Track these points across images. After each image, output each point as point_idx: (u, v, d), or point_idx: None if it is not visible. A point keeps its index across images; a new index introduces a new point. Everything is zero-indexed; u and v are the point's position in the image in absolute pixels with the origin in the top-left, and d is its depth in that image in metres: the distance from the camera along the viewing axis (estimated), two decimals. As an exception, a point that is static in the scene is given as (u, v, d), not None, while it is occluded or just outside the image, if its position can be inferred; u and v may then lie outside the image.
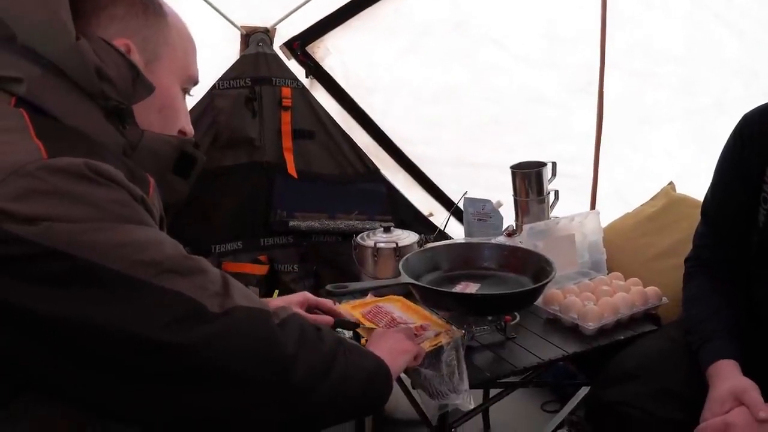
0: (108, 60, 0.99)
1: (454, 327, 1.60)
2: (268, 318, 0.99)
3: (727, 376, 1.36)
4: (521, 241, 1.97)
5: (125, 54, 1.01)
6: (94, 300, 0.83)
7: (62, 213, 0.83)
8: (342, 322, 1.62)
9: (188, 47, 1.17)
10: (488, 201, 2.31)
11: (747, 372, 1.37)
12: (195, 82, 1.20)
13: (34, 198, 0.82)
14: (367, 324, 1.64)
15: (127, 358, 0.85)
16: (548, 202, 2.30)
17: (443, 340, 1.52)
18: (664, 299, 1.87)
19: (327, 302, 1.64)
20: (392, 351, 1.32)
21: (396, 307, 1.73)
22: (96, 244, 0.84)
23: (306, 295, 1.63)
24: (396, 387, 1.89)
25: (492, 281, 1.81)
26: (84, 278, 0.83)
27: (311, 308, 1.61)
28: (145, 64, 1.07)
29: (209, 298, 0.92)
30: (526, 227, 1.99)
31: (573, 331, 1.78)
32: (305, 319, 1.09)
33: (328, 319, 1.59)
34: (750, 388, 1.31)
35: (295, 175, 2.97)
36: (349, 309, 1.70)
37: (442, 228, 2.60)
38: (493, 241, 2.05)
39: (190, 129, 1.21)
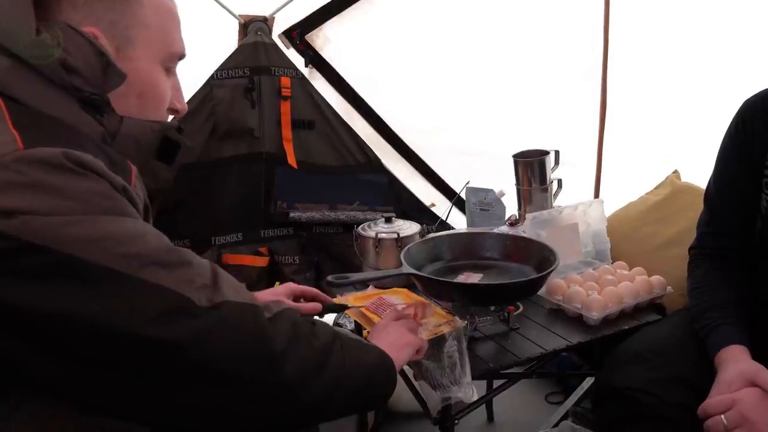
0: (74, 51, 0.95)
1: (457, 317, 1.58)
2: (258, 313, 0.96)
3: (737, 361, 1.35)
4: (524, 230, 1.95)
5: (93, 41, 0.97)
6: (75, 295, 0.81)
7: (41, 206, 0.81)
8: (330, 307, 1.61)
9: (167, 23, 1.10)
10: (491, 190, 2.29)
11: (754, 359, 1.36)
12: (180, 57, 1.15)
13: (11, 191, 0.80)
14: (370, 315, 1.62)
15: (111, 355, 0.84)
16: (551, 190, 2.28)
17: (445, 329, 1.50)
18: (669, 288, 1.86)
19: (312, 289, 1.63)
20: (394, 344, 1.29)
21: (399, 299, 1.72)
22: (76, 237, 0.82)
23: (290, 286, 1.62)
24: (399, 379, 1.89)
25: (495, 271, 1.79)
26: (65, 273, 0.81)
27: (297, 297, 1.61)
28: (117, 50, 1.02)
29: (196, 291, 0.90)
30: (529, 216, 1.97)
31: (577, 321, 1.76)
32: (299, 313, 1.06)
33: (316, 305, 1.58)
34: (761, 369, 1.30)
35: (295, 166, 2.95)
36: (353, 301, 1.68)
37: (444, 218, 2.58)
38: (495, 230, 2.04)
39: (181, 105, 1.18)
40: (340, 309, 1.65)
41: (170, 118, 1.19)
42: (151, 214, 1.08)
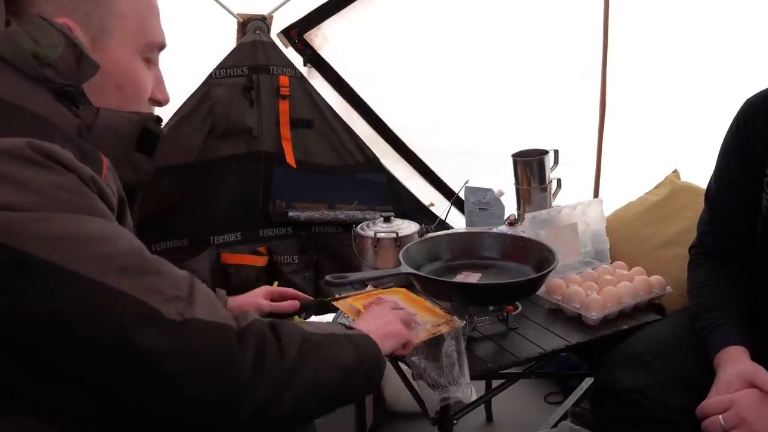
0: (46, 43, 0.93)
1: (455, 317, 1.58)
2: (228, 336, 0.90)
3: (736, 361, 1.35)
4: (523, 230, 1.94)
5: (66, 33, 0.95)
6: (34, 297, 0.78)
7: (2, 199, 0.78)
8: (309, 304, 1.60)
9: (144, 13, 1.08)
10: (489, 190, 2.29)
11: (754, 359, 1.36)
12: (160, 48, 1.13)
13: None
14: None
15: (69, 363, 0.80)
16: (550, 190, 2.28)
17: (444, 329, 1.49)
18: (668, 288, 1.85)
19: (290, 290, 1.62)
20: (380, 331, 1.22)
21: (398, 299, 1.71)
22: (38, 234, 0.78)
23: (267, 288, 1.62)
24: (397, 379, 1.88)
25: (493, 271, 1.79)
26: (23, 272, 0.77)
27: (275, 299, 1.60)
28: (92, 41, 1.00)
29: (165, 303, 0.85)
30: (528, 216, 1.97)
31: (576, 321, 1.75)
32: (266, 326, 0.98)
33: (293, 303, 1.57)
34: (760, 369, 1.30)
35: (294, 165, 2.94)
36: (351, 301, 1.67)
37: (443, 218, 2.58)
38: (494, 230, 2.03)
39: (164, 96, 1.17)
40: (321, 306, 1.64)
41: (158, 110, 1.19)
42: (132, 207, 1.06)
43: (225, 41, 2.84)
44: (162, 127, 1.16)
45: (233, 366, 0.88)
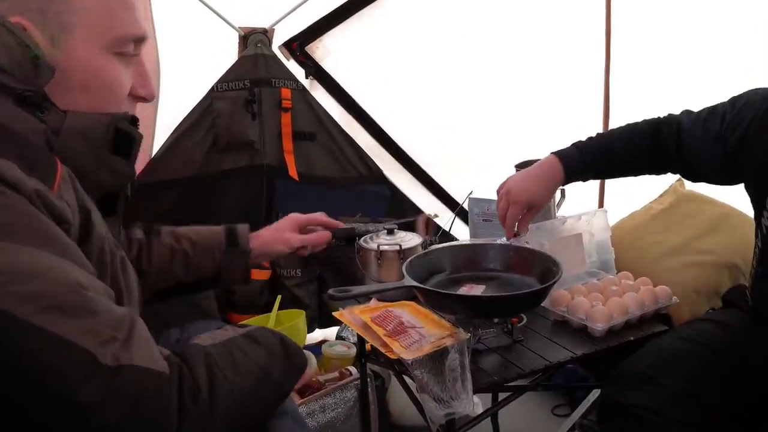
0: None
1: (460, 330, 1.56)
2: (163, 386, 0.83)
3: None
4: (527, 241, 1.93)
5: (17, 33, 0.90)
6: None
7: None
8: (341, 230, 1.57)
9: (110, 5, 1.00)
10: (493, 201, 2.27)
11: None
12: (136, 40, 1.05)
13: None
14: (374, 328, 1.60)
15: None
16: (554, 200, 2.26)
17: (448, 342, 1.48)
18: (675, 299, 1.83)
19: (318, 217, 1.58)
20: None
21: (405, 312, 1.70)
22: None
23: (296, 220, 1.59)
24: (402, 393, 1.87)
25: (497, 283, 1.77)
26: None
27: (304, 226, 1.58)
28: (51, 40, 0.94)
29: (101, 346, 0.77)
30: (532, 227, 1.95)
31: (581, 332, 1.74)
32: (177, 360, 0.89)
33: (325, 234, 1.56)
34: None
35: (297, 178, 2.93)
36: (358, 313, 1.66)
37: (447, 229, 2.56)
38: (498, 241, 2.02)
39: (147, 91, 1.10)
40: (349, 234, 1.62)
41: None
42: (118, 211, 1.02)
43: (226, 55, 2.84)
44: (138, 127, 1.08)
45: (164, 416, 0.82)
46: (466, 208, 2.38)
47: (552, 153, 1.78)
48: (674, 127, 1.67)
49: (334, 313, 1.72)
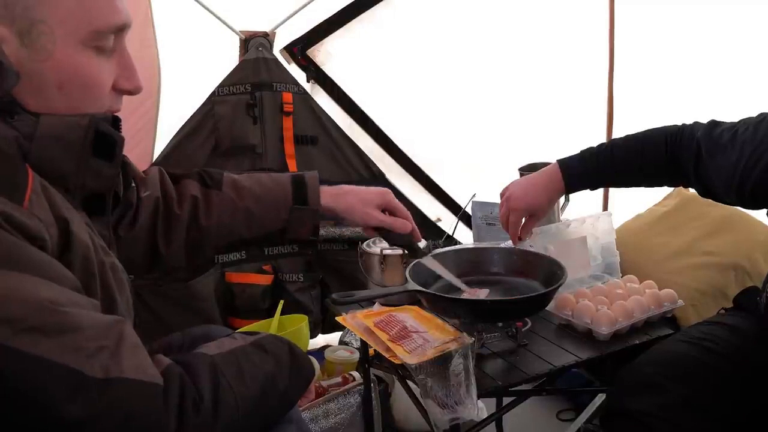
0: None
1: (464, 334, 1.55)
2: (155, 397, 0.82)
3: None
4: (531, 244, 1.92)
5: None
6: None
7: None
8: (406, 238, 1.55)
9: None
10: (497, 204, 2.25)
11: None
12: (118, 30, 0.97)
13: None
14: (378, 332, 1.59)
15: None
16: (559, 203, 2.25)
17: (452, 347, 1.47)
18: (680, 302, 1.82)
19: (403, 211, 1.51)
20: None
21: (409, 316, 1.69)
22: None
23: (384, 197, 1.50)
24: (406, 398, 1.85)
25: (501, 287, 1.76)
26: None
27: (384, 211, 1.50)
28: (20, 38, 0.87)
29: (87, 359, 0.77)
30: (536, 230, 1.94)
31: (586, 336, 1.72)
32: (178, 368, 0.90)
33: (405, 225, 1.49)
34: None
35: (299, 182, 2.92)
36: (362, 318, 1.65)
37: (450, 233, 2.55)
38: (502, 245, 2.01)
39: (133, 85, 1.02)
40: (417, 251, 1.60)
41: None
42: (105, 214, 0.98)
43: (227, 58, 2.84)
44: (120, 128, 1.03)
45: (159, 428, 0.82)
46: (469, 212, 2.37)
47: (557, 161, 1.74)
48: (693, 152, 1.56)
49: (336, 318, 1.71)
